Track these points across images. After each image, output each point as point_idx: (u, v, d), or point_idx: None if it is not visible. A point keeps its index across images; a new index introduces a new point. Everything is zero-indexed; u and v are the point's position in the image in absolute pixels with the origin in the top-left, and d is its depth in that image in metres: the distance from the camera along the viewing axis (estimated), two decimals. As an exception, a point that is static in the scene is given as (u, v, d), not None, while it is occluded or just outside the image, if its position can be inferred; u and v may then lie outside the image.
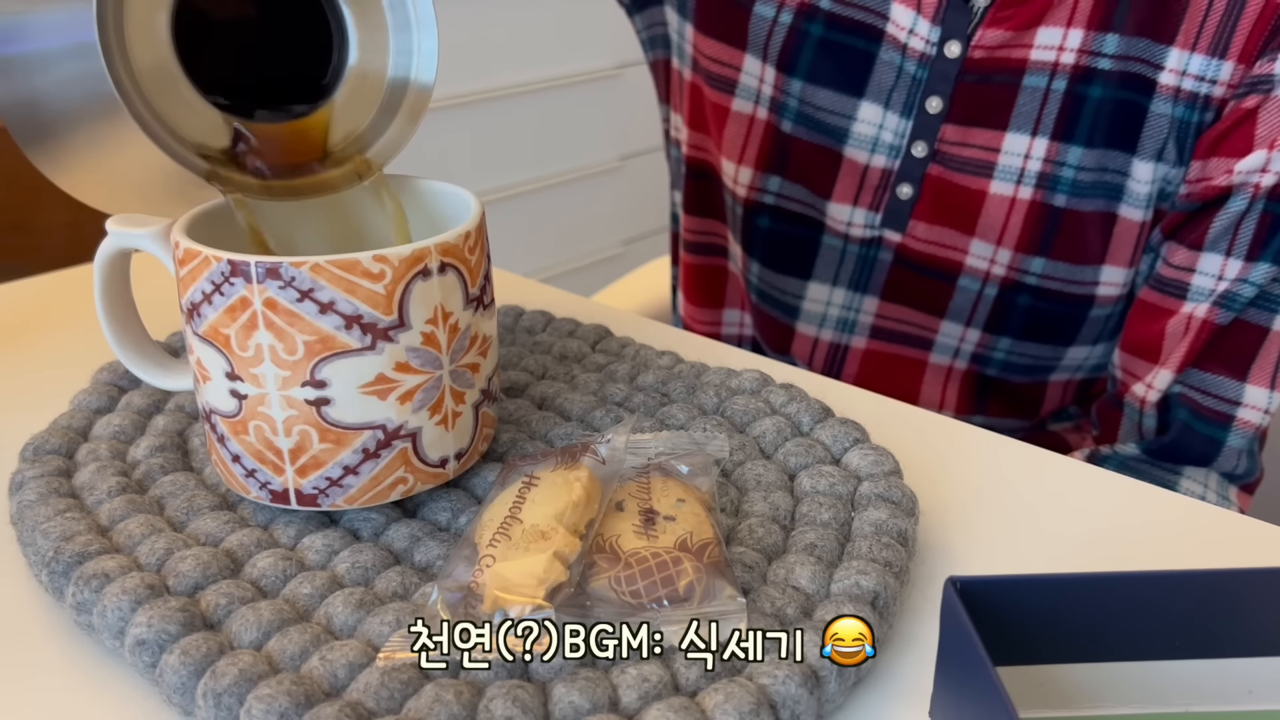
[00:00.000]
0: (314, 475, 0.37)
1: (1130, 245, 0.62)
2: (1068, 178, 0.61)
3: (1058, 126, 0.60)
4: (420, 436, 0.38)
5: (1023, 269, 0.64)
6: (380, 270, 0.35)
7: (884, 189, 0.66)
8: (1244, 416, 0.60)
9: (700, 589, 0.33)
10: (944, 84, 0.62)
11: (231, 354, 0.36)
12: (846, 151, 0.66)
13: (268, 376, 0.36)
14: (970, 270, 0.66)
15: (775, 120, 0.68)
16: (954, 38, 0.61)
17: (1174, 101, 0.58)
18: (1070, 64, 0.59)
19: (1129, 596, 0.28)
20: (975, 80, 0.61)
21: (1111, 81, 0.58)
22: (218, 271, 0.35)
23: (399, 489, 0.38)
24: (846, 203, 0.67)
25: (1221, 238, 0.58)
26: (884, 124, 0.64)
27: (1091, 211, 0.61)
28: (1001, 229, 0.63)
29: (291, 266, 0.34)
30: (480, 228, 0.39)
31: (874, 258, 0.68)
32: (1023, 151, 0.61)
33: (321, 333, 0.35)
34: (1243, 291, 0.58)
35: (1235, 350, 0.59)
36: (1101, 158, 0.60)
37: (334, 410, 0.36)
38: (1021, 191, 0.62)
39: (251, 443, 0.37)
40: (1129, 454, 0.64)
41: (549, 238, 2.21)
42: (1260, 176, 0.55)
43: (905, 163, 0.64)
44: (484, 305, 0.40)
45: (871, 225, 0.67)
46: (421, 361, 0.37)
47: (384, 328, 0.36)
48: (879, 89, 0.64)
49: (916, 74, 0.62)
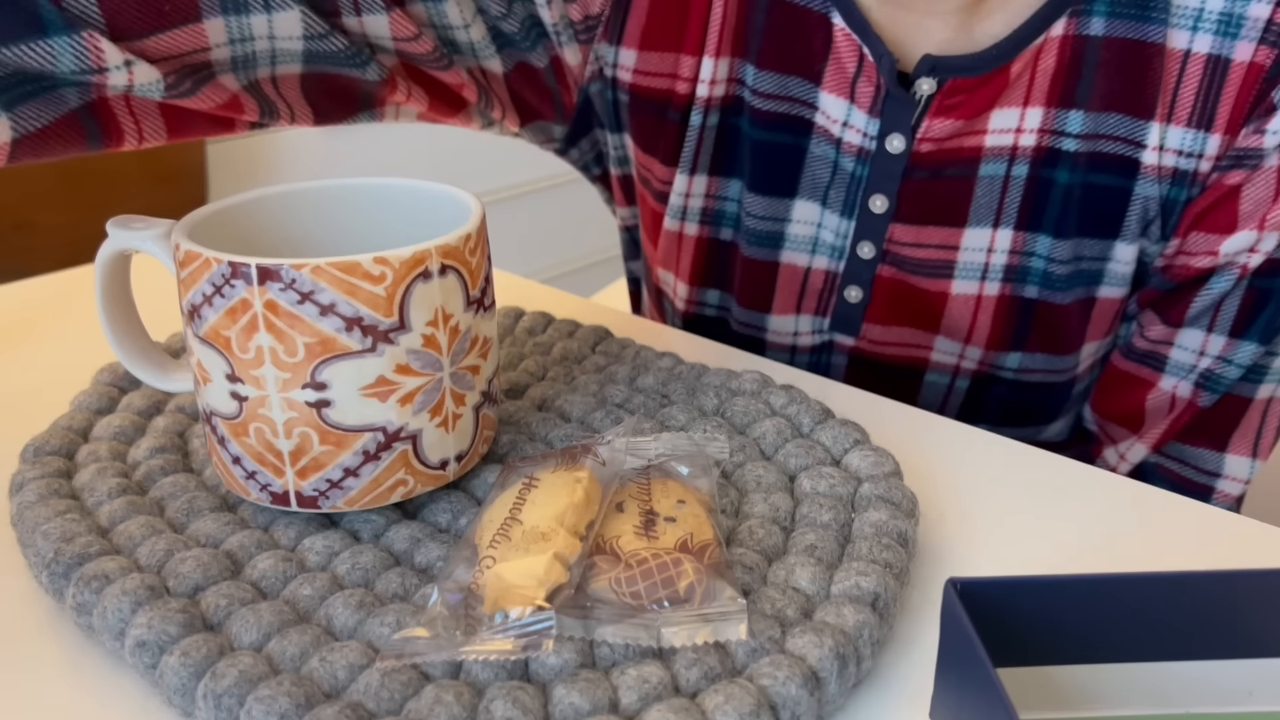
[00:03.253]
0: (314, 477, 0.37)
1: (1110, 320, 0.58)
2: (1038, 269, 0.55)
3: (1022, 215, 0.54)
4: (421, 439, 0.38)
5: (996, 365, 0.59)
6: (381, 272, 0.35)
7: (829, 293, 0.59)
8: (1223, 488, 0.57)
9: (700, 590, 0.33)
10: (889, 182, 0.55)
11: (232, 356, 0.36)
12: (784, 257, 0.60)
13: (268, 378, 0.36)
14: (937, 366, 0.60)
15: (711, 231, 0.62)
16: (896, 131, 0.53)
17: (1158, 181, 0.52)
18: (1031, 146, 0.53)
19: (1129, 598, 0.28)
20: (925, 177, 0.54)
21: (1080, 164, 0.52)
22: (218, 273, 0.35)
23: (399, 491, 0.38)
24: (789, 313, 0.61)
25: (1203, 315, 0.54)
26: (822, 223, 0.58)
27: (1070, 303, 0.56)
28: (970, 328, 0.57)
29: (292, 269, 0.34)
30: (481, 229, 0.39)
31: (827, 363, 0.63)
32: (985, 246, 0.55)
33: (322, 335, 0.35)
34: (1228, 373, 0.54)
35: (1218, 423, 0.56)
36: (1076, 247, 0.54)
37: (334, 412, 0.36)
38: (988, 288, 0.56)
39: (252, 444, 0.37)
40: None
41: (549, 238, 2.21)
42: (1248, 257, 0.51)
43: (851, 264, 0.58)
44: (484, 307, 0.40)
45: (820, 330, 0.61)
46: (422, 364, 0.37)
47: (385, 330, 0.36)
48: (813, 186, 0.57)
49: (855, 171, 0.56)
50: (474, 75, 0.60)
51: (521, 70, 0.61)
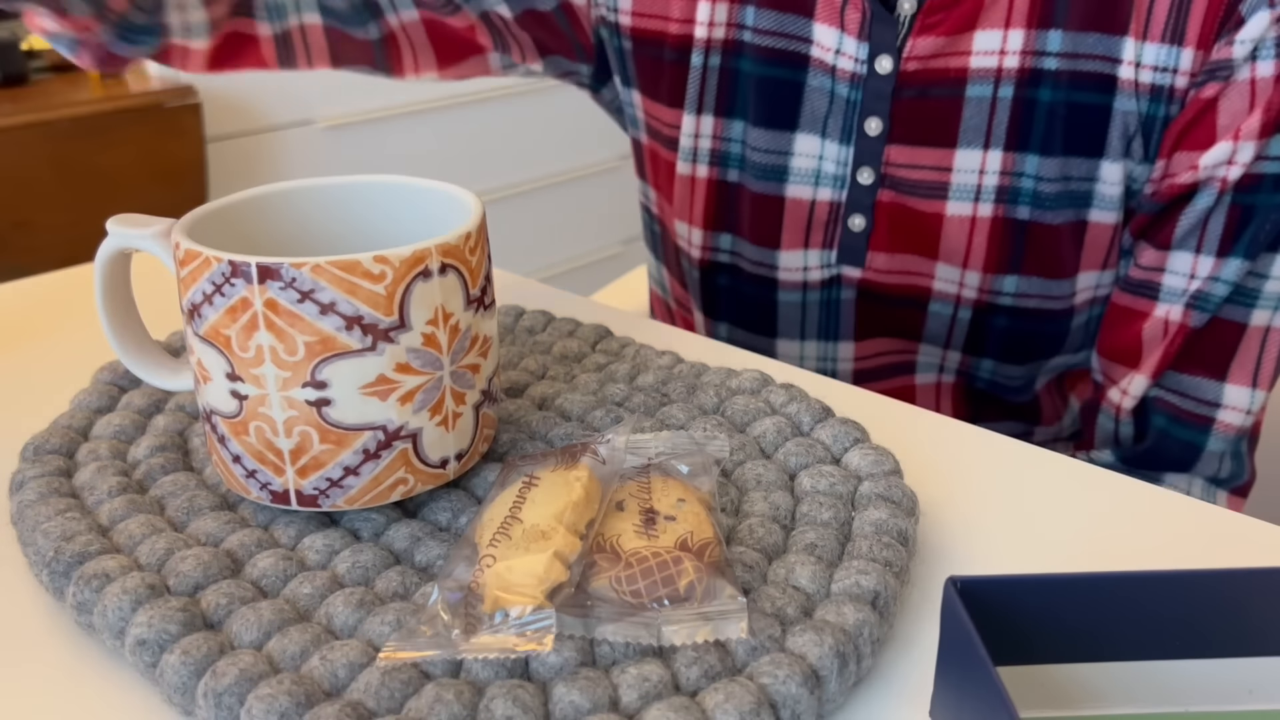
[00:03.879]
0: (314, 476, 0.37)
1: (1104, 249, 0.60)
2: (1028, 189, 0.57)
3: (1010, 136, 0.57)
4: (421, 437, 0.38)
5: (995, 290, 0.61)
6: (381, 271, 0.35)
7: (834, 223, 0.63)
8: (1224, 419, 0.58)
9: (701, 589, 0.33)
10: (880, 103, 0.58)
11: (232, 355, 0.36)
12: (789, 191, 0.63)
13: (268, 377, 0.36)
14: (940, 295, 0.62)
15: (719, 173, 0.65)
16: (884, 52, 0.57)
17: (1136, 96, 0.54)
18: (1015, 68, 0.55)
19: (1129, 596, 0.28)
20: (914, 95, 0.58)
21: (1062, 82, 0.55)
22: (218, 272, 0.35)
23: (399, 489, 0.38)
24: (797, 248, 0.64)
25: (1190, 235, 0.56)
26: (823, 154, 0.61)
27: (1061, 224, 0.58)
28: (966, 251, 0.60)
29: (292, 268, 0.34)
30: (480, 228, 0.39)
31: (837, 299, 0.65)
32: (976, 167, 0.58)
33: (322, 334, 0.35)
34: (1216, 290, 0.55)
35: (1213, 350, 0.57)
36: (1064, 166, 0.57)
37: (334, 411, 0.36)
38: (981, 209, 0.59)
39: (252, 443, 0.37)
40: (1105, 461, 0.62)
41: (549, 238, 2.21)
42: (1226, 170, 0.53)
43: (853, 192, 0.61)
44: (484, 306, 0.40)
45: (828, 264, 0.64)
46: (422, 362, 0.37)
47: (385, 329, 0.36)
48: (813, 118, 0.61)
49: (850, 96, 0.59)
50: (485, 19, 0.65)
51: (531, 14, 0.67)
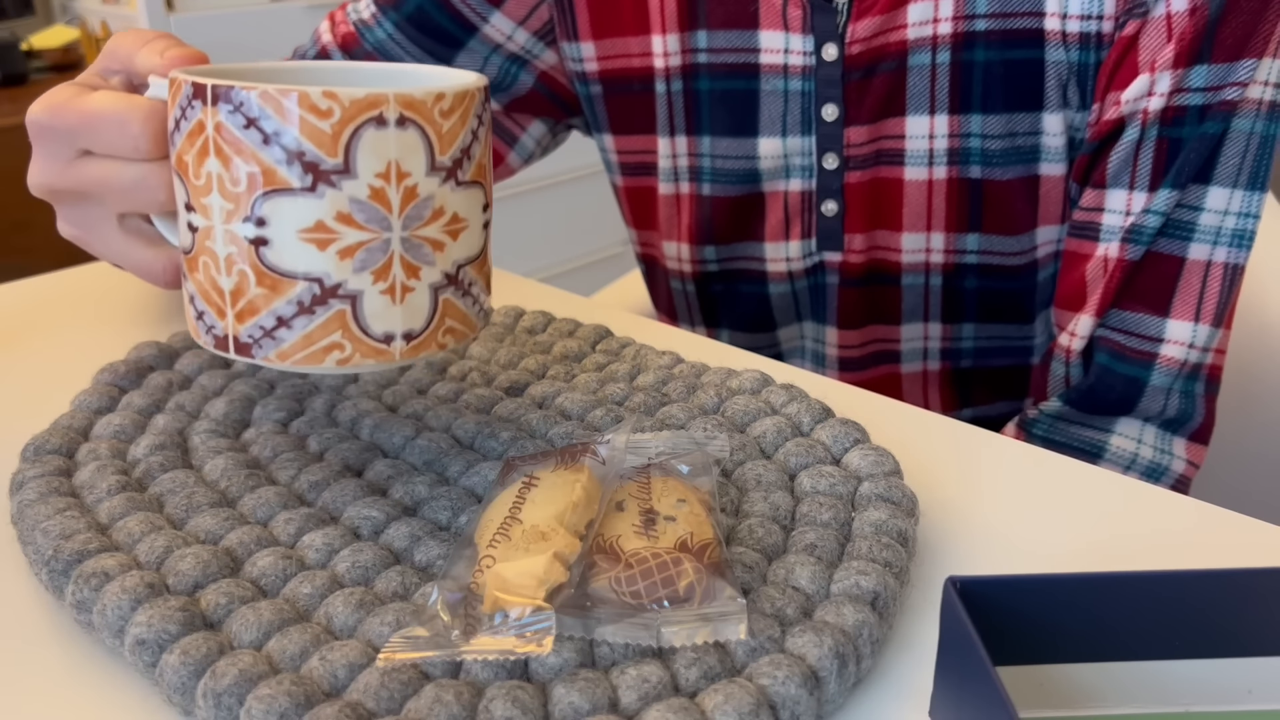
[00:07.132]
0: (249, 322, 0.37)
1: (1059, 202, 0.62)
2: (976, 148, 0.61)
3: (953, 99, 0.60)
4: (361, 301, 0.36)
5: (959, 249, 0.64)
6: (328, 107, 0.34)
7: (809, 211, 0.66)
8: (1167, 353, 0.58)
9: (700, 589, 0.33)
10: (832, 89, 0.62)
11: (189, 183, 0.36)
12: (764, 188, 0.67)
13: (214, 208, 0.36)
14: (910, 268, 0.65)
15: (696, 188, 0.69)
16: (828, 40, 0.61)
17: (1064, 46, 0.57)
18: (948, 34, 0.58)
19: (1129, 596, 0.28)
20: (861, 76, 0.61)
21: (994, 42, 0.58)
22: (185, 95, 0.36)
23: (335, 354, 0.37)
24: (779, 240, 0.68)
25: (1122, 171, 0.57)
26: (787, 151, 0.65)
27: (1013, 178, 0.61)
28: (927, 213, 0.63)
29: (242, 90, 0.34)
30: (463, 96, 0.37)
31: (822, 284, 0.68)
32: (925, 132, 0.61)
33: (264, 164, 0.35)
34: (1148, 223, 0.57)
35: (1153, 285, 0.58)
36: (1007, 122, 0.60)
37: (271, 253, 0.35)
38: (936, 172, 0.62)
39: (201, 281, 0.37)
40: (1052, 410, 0.62)
41: (549, 238, 2.21)
42: (1147, 101, 0.55)
43: (822, 179, 0.65)
44: (459, 181, 0.37)
45: (809, 252, 0.67)
46: (366, 217, 0.35)
47: (326, 170, 0.35)
48: (771, 122, 0.64)
49: (804, 89, 0.63)
50: None
51: (516, 102, 0.73)
